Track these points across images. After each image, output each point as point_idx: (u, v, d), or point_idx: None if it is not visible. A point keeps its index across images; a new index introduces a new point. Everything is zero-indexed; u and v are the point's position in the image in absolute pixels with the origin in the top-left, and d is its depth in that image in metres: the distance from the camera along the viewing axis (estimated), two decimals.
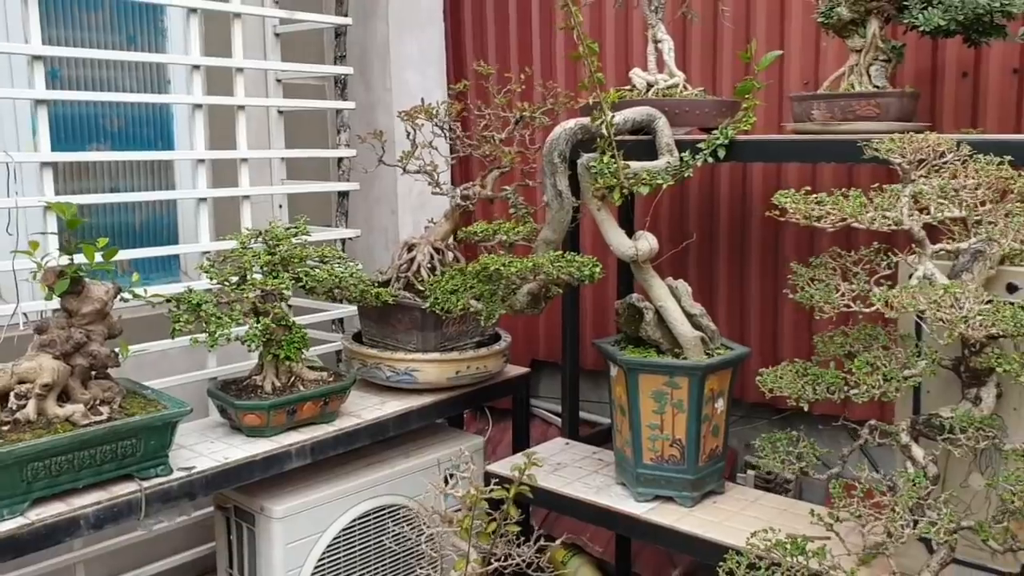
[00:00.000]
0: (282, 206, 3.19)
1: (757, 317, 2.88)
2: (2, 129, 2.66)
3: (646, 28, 2.54)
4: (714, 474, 2.26)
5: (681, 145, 2.28)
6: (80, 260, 1.96)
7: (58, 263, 1.97)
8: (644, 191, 2.14)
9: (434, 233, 2.69)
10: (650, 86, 2.48)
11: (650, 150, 2.28)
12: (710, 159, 2.23)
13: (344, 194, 3.17)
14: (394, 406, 2.54)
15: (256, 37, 3.12)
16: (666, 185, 2.18)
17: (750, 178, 2.85)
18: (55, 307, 2.07)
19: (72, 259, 1.96)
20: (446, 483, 2.14)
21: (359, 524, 2.42)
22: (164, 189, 3.04)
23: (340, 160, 3.17)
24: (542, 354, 3.47)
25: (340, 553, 2.39)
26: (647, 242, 2.18)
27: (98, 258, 1.97)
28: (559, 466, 2.49)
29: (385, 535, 2.47)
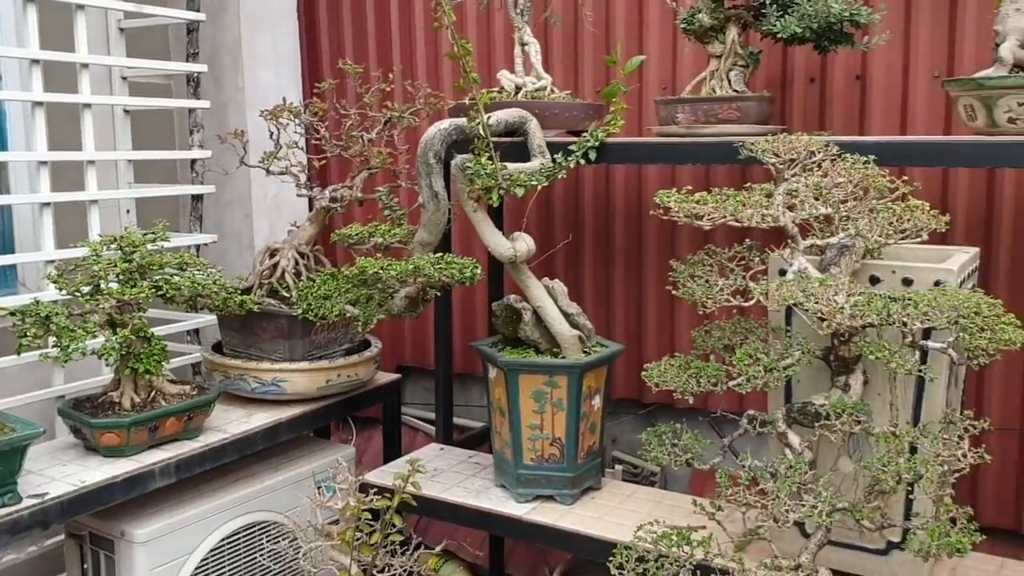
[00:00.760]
0: (130, 211, 3.01)
1: (622, 315, 2.94)
2: None
3: (510, 31, 2.55)
4: (592, 471, 2.30)
5: (552, 147, 2.29)
6: None
7: None
8: (520, 192, 2.15)
9: (298, 237, 2.60)
10: (518, 88, 2.50)
11: (522, 152, 2.28)
12: (582, 161, 2.25)
13: (198, 197, 3.02)
14: (262, 419, 2.44)
15: (99, 31, 2.92)
16: (540, 186, 2.20)
17: (613, 180, 2.91)
18: None
19: None
20: (319, 494, 2.07)
21: (229, 543, 2.31)
22: None
23: (193, 162, 3.02)
24: (408, 359, 3.42)
25: (211, 575, 2.27)
26: (524, 243, 2.19)
27: None
28: (436, 472, 2.45)
29: (259, 553, 2.37)
